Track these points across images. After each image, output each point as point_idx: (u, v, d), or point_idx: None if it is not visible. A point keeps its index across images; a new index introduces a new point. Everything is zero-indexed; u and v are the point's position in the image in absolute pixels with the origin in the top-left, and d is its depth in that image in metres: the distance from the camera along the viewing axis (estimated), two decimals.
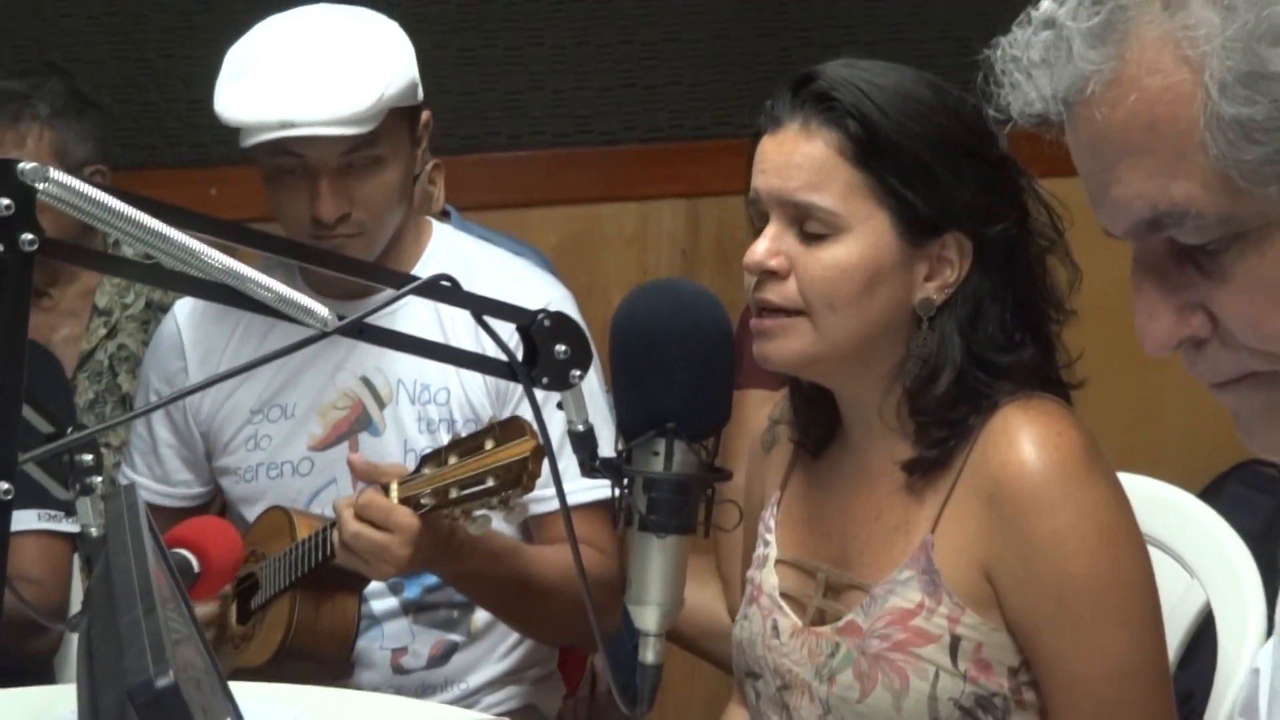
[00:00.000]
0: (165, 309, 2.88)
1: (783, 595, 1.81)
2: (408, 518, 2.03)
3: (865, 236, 1.68)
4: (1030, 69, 0.98)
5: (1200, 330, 0.98)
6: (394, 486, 2.06)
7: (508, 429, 1.99)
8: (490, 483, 1.97)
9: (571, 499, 1.54)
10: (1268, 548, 2.00)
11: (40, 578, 2.38)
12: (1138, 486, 1.83)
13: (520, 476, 1.96)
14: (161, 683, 0.86)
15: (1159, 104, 0.92)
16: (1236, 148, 0.90)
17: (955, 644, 1.67)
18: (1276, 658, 1.26)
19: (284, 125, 2.17)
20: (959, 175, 1.67)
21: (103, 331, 2.95)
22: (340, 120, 2.17)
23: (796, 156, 1.68)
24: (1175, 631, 1.84)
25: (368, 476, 2.12)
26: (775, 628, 1.80)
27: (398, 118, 2.25)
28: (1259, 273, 0.94)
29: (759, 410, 2.02)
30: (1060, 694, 1.66)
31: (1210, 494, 3.06)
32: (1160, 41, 0.92)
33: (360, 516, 2.04)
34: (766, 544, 1.86)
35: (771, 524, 1.86)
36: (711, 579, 2.79)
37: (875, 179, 1.67)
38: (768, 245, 1.70)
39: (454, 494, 2.00)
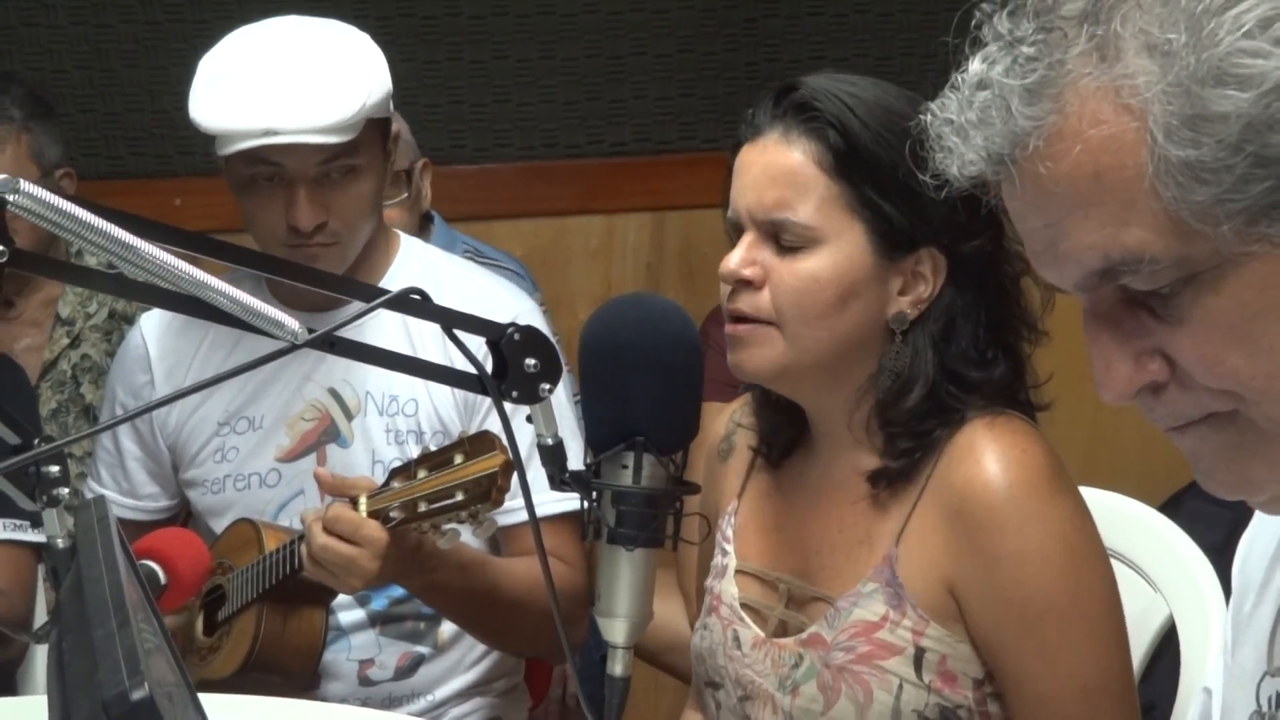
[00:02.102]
0: (129, 319, 2.88)
1: (743, 606, 1.82)
2: (376, 531, 2.03)
3: (841, 249, 1.69)
4: (967, 130, 0.98)
5: (1159, 375, 0.99)
6: (363, 500, 2.06)
7: (477, 443, 1.99)
8: (459, 497, 1.97)
9: (539, 511, 1.54)
10: (1228, 561, 2.02)
11: (5, 588, 2.37)
12: (1100, 500, 1.84)
13: (490, 491, 1.96)
14: (137, 695, 0.86)
15: (1103, 154, 0.93)
16: (1186, 190, 0.91)
17: (920, 656, 1.68)
18: (1225, 676, 1.27)
19: (267, 133, 2.16)
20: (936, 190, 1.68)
21: (65, 341, 2.94)
22: (323, 129, 2.17)
23: (774, 168, 1.69)
24: (1138, 645, 1.85)
25: (335, 490, 2.11)
26: (736, 638, 1.81)
27: (374, 128, 2.25)
28: (1215, 312, 0.95)
29: (716, 422, 2.03)
30: (1026, 709, 1.67)
31: (1170, 508, 3.07)
32: (1099, 93, 0.93)
33: (329, 530, 2.04)
34: (725, 553, 1.87)
35: (729, 533, 1.87)
36: (674, 593, 2.79)
37: (853, 191, 1.68)
38: (743, 255, 1.70)
39: (423, 508, 2.00)
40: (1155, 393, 1.00)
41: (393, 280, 2.35)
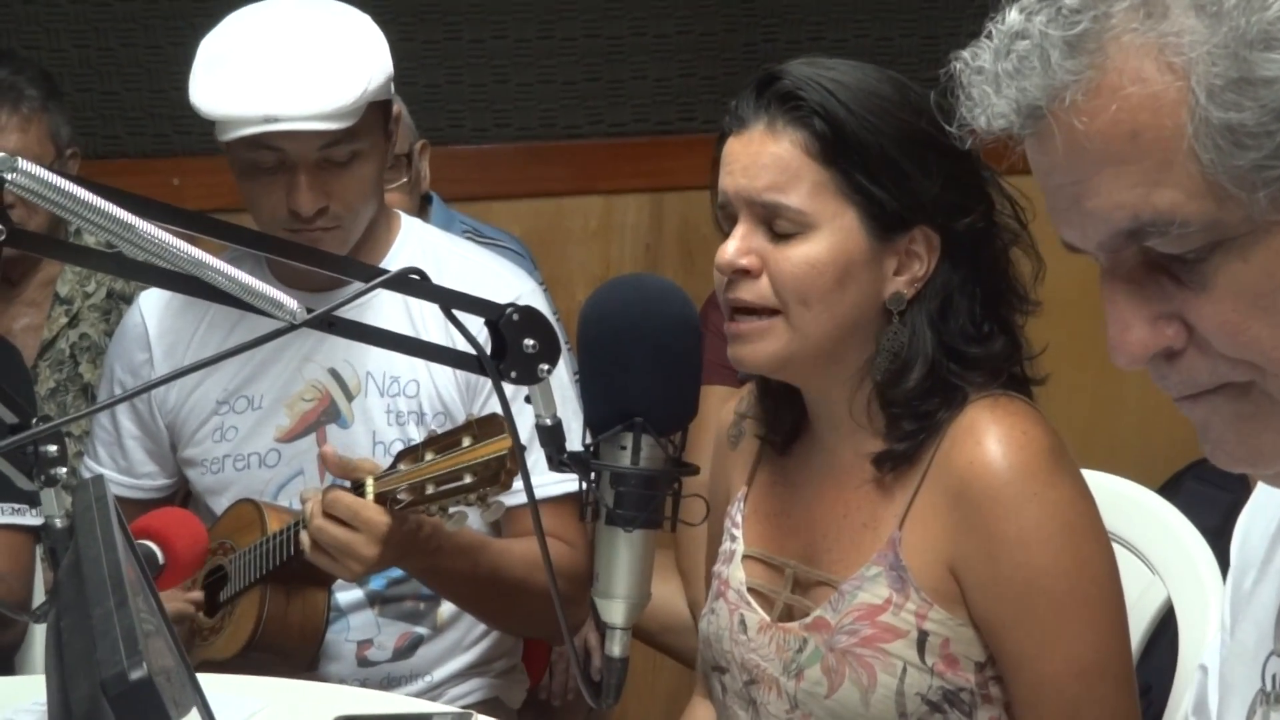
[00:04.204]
0: (127, 298, 2.88)
1: (750, 590, 1.82)
2: (376, 515, 2.02)
3: (834, 233, 1.69)
4: (1001, 80, 0.97)
5: (1175, 341, 0.97)
6: (370, 482, 2.05)
7: (486, 426, 1.99)
8: (467, 480, 1.97)
9: (540, 492, 1.54)
10: (1225, 544, 2.03)
11: (3, 572, 2.37)
12: (1099, 482, 1.84)
13: (498, 474, 1.95)
14: (135, 675, 0.86)
15: (1142, 112, 0.92)
16: (1226, 153, 0.90)
17: (923, 639, 1.68)
18: (1224, 653, 1.27)
19: (268, 120, 2.15)
20: (925, 170, 1.69)
21: (64, 320, 2.94)
22: (325, 115, 2.16)
23: (763, 157, 1.69)
24: (1136, 627, 1.85)
25: (340, 470, 2.11)
26: (743, 623, 1.81)
27: (375, 111, 2.25)
28: (1241, 280, 0.93)
29: (720, 405, 2.03)
30: (1025, 691, 1.67)
31: (1168, 490, 3.07)
32: (1143, 49, 0.92)
33: (327, 513, 2.03)
34: (733, 539, 1.87)
35: (738, 519, 1.87)
36: (672, 574, 2.80)
37: (842, 176, 1.68)
38: (738, 245, 1.70)
39: (430, 490, 2.00)
40: (1169, 359, 0.99)
41: (394, 261, 2.35)
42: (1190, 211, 0.92)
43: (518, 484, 2.04)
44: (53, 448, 1.67)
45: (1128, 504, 1.97)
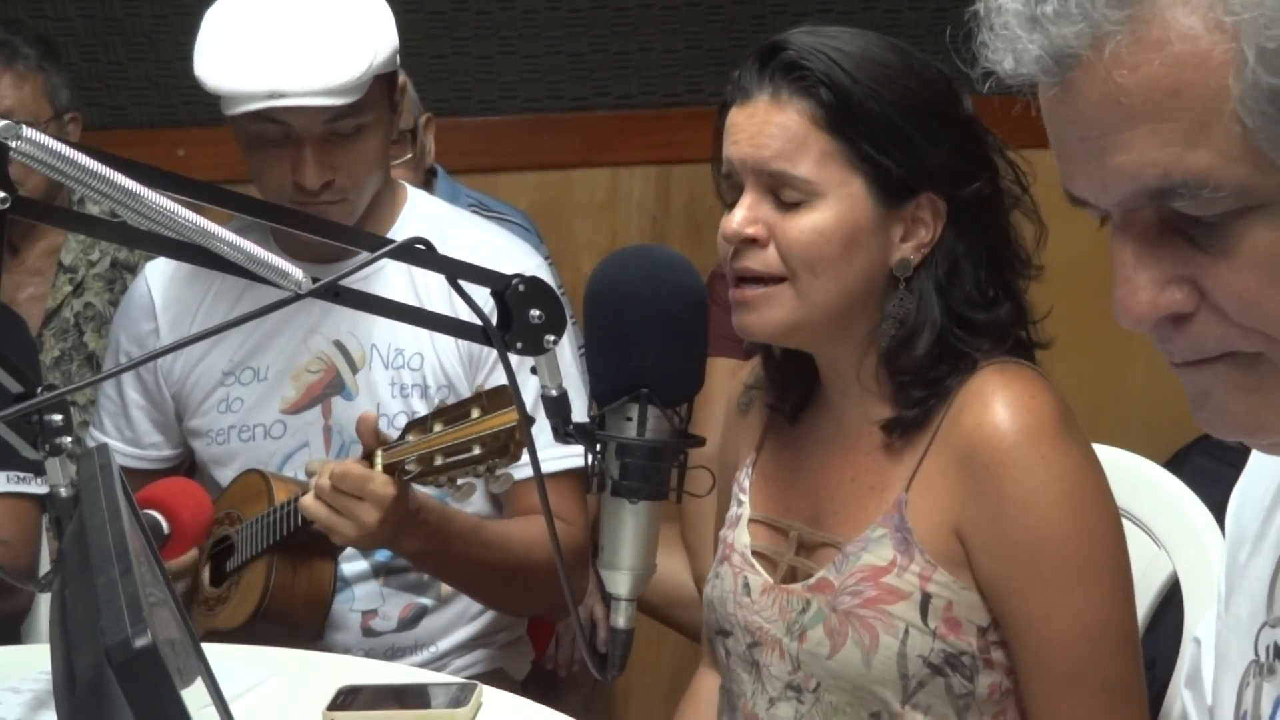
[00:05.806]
0: (131, 268, 2.88)
1: (755, 553, 1.83)
2: (383, 486, 2.02)
3: (841, 201, 1.69)
4: (1040, 22, 0.92)
5: (1184, 305, 0.95)
6: (379, 453, 2.05)
7: (494, 398, 1.98)
8: (476, 451, 1.97)
9: (542, 468, 1.54)
10: None
11: (9, 539, 2.37)
12: (1106, 456, 1.84)
13: (507, 445, 1.95)
14: (140, 643, 0.85)
15: (1186, 69, 0.89)
16: (1272, 120, 0.87)
17: (926, 602, 1.69)
18: (1219, 626, 1.26)
19: (273, 95, 2.15)
20: (931, 137, 1.69)
21: (68, 289, 2.94)
22: (330, 90, 2.15)
23: (770, 126, 1.69)
24: (1142, 601, 1.84)
25: (374, 439, 2.09)
26: (746, 585, 1.82)
27: (380, 84, 2.24)
28: (1265, 249, 0.91)
29: (726, 377, 2.03)
30: (1029, 654, 1.68)
31: (1174, 466, 3.07)
32: (1191, 5, 0.89)
33: (336, 485, 2.03)
34: (740, 504, 1.88)
35: (746, 484, 1.88)
36: (677, 547, 2.80)
37: (849, 145, 1.68)
38: (745, 214, 1.70)
39: (439, 461, 2.00)
40: (1176, 323, 0.96)
41: (400, 232, 2.35)
42: (1225, 175, 0.89)
43: (518, 461, 2.04)
44: (58, 417, 1.67)
45: (1134, 478, 1.97)
